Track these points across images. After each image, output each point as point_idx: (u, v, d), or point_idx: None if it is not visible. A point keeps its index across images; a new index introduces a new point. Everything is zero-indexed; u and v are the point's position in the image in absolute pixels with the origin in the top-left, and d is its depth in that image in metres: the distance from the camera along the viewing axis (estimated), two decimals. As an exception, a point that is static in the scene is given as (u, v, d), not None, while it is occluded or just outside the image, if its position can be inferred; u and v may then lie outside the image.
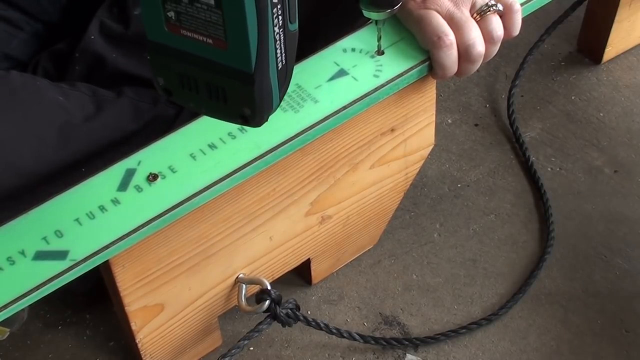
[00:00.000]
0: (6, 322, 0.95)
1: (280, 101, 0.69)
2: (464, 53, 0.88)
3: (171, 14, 0.64)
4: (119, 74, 1.01)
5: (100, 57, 1.01)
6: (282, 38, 0.65)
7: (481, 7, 0.88)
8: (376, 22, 0.88)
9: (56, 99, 0.94)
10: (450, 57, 0.88)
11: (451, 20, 0.87)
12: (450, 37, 0.87)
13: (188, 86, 0.68)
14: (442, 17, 0.88)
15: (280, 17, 0.64)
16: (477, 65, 0.89)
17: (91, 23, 1.02)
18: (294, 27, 0.66)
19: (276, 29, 0.64)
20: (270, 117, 0.85)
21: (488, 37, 0.88)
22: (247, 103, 0.67)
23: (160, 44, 0.66)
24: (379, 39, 0.90)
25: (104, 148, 0.94)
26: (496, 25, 0.88)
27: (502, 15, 0.89)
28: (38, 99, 0.93)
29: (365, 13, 0.87)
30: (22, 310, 0.93)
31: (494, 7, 0.88)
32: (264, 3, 0.61)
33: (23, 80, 0.94)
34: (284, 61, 0.67)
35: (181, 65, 0.67)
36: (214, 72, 0.66)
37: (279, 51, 0.65)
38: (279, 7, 0.63)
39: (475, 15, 0.88)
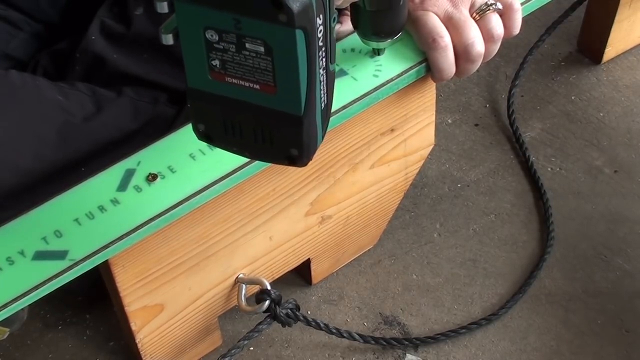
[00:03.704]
0: (6, 322, 0.95)
1: (323, 139, 0.69)
2: (463, 53, 0.88)
3: (216, 62, 0.64)
4: (119, 74, 1.01)
5: (101, 57, 1.01)
6: (325, 79, 0.65)
7: (480, 6, 0.88)
8: (376, 51, 0.88)
9: (55, 98, 0.94)
10: (446, 59, 0.88)
11: (450, 21, 0.87)
12: (445, 39, 0.87)
13: (232, 131, 0.68)
14: (440, 18, 0.87)
15: (324, 60, 0.64)
16: (477, 65, 0.89)
17: (92, 23, 1.01)
18: (334, 67, 0.67)
19: (321, 70, 0.64)
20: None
21: (488, 36, 0.88)
22: (295, 144, 0.66)
23: (202, 91, 0.66)
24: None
25: (103, 147, 0.94)
26: (496, 24, 0.88)
27: (502, 14, 0.89)
28: (37, 98, 0.93)
29: (364, 42, 0.87)
30: (22, 310, 0.93)
31: (494, 6, 0.88)
32: (314, 49, 0.62)
33: (22, 79, 0.94)
34: (326, 100, 0.67)
35: (225, 112, 0.67)
36: (261, 116, 0.65)
37: (322, 92, 0.66)
38: (323, 49, 0.63)
39: (474, 14, 0.88)
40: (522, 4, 0.92)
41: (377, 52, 0.89)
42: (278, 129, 0.66)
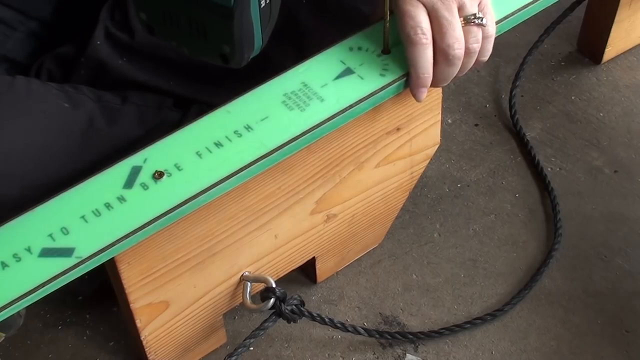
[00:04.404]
0: (2, 327, 0.95)
1: (263, 43, 0.69)
2: (443, 52, 0.85)
3: None
4: (125, 79, 1.00)
5: (107, 63, 1.00)
6: None
7: (468, 15, 0.86)
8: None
9: (62, 108, 0.93)
10: (424, 55, 0.85)
11: (436, 18, 0.85)
12: (428, 36, 0.85)
13: (170, 22, 0.68)
14: (428, 11, 0.85)
15: None
16: (454, 71, 0.87)
17: (96, 29, 1.01)
18: None
19: None
20: (276, 116, 0.85)
21: (465, 46, 0.86)
22: (227, 40, 0.67)
23: None
24: (385, 36, 0.89)
25: (110, 156, 0.93)
26: (475, 37, 0.87)
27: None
28: (43, 108, 0.92)
29: None
30: (19, 315, 0.93)
31: (480, 20, 0.86)
32: None
33: (29, 87, 0.93)
34: (267, 0, 0.67)
35: (163, 0, 0.67)
36: (196, 6, 0.66)
37: None
38: None
39: (461, 19, 0.86)
40: (523, 6, 0.92)
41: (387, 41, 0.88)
42: (211, 22, 0.66)
